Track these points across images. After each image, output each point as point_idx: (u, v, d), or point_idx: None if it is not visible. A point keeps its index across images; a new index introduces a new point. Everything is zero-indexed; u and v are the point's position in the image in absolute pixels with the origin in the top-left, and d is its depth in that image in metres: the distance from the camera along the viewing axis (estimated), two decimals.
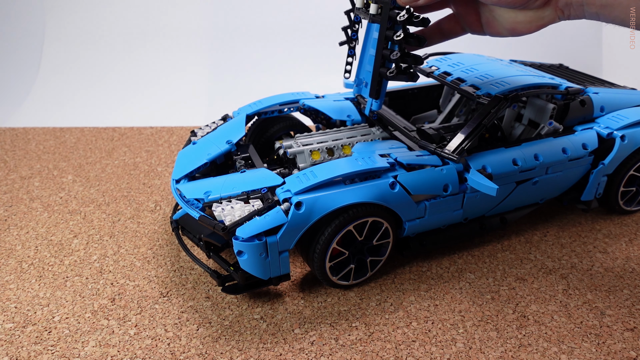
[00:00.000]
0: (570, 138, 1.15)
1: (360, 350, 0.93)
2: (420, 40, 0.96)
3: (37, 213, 1.34)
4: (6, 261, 1.17)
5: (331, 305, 1.04)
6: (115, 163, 1.64)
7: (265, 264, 0.95)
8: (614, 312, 1.02)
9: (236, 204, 0.96)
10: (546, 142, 1.12)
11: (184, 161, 1.15)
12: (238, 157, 1.16)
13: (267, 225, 0.90)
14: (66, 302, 1.04)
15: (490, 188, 0.94)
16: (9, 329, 0.98)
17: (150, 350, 0.93)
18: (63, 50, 2.27)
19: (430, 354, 0.92)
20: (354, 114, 1.30)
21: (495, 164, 1.04)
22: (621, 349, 0.92)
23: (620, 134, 1.16)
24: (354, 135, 1.22)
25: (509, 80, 1.15)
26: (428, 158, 1.02)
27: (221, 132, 1.23)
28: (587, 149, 1.15)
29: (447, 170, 1.01)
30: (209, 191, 1.00)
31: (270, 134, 1.37)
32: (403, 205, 1.01)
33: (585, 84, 1.29)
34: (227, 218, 0.93)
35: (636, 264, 1.17)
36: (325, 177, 0.95)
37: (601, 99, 1.22)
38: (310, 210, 0.93)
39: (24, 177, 1.52)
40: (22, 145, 1.72)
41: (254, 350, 0.92)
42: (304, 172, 0.98)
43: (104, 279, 1.11)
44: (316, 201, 0.93)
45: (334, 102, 1.33)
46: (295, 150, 1.15)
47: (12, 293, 1.07)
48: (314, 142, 1.19)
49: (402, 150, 1.06)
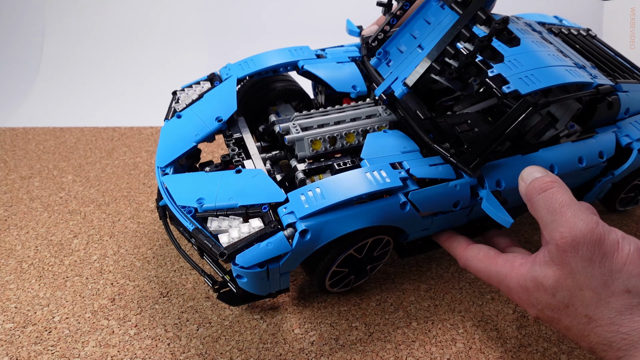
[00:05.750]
0: (588, 144, 1.05)
1: (360, 350, 0.93)
2: (498, 57, 0.83)
3: (37, 213, 1.34)
4: (6, 261, 1.16)
5: (331, 305, 1.04)
6: (115, 163, 1.64)
7: (265, 284, 0.89)
8: None
9: (234, 221, 0.87)
10: (564, 149, 1.03)
11: (168, 141, 1.03)
12: (230, 142, 1.05)
13: (270, 254, 0.82)
14: (66, 302, 1.04)
15: (506, 221, 0.86)
16: (9, 329, 0.98)
17: (150, 350, 0.93)
18: (63, 50, 2.27)
19: (430, 354, 0.92)
20: (359, 84, 1.13)
21: (509, 177, 0.95)
22: None
23: (638, 146, 1.08)
24: (359, 116, 1.06)
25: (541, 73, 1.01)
26: (442, 169, 0.92)
27: (210, 104, 1.08)
28: (603, 157, 1.06)
29: (460, 186, 0.92)
30: (202, 198, 0.89)
31: (265, 100, 1.19)
32: (410, 223, 0.92)
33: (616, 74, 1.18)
34: (225, 238, 0.84)
35: None
36: (334, 200, 0.84)
37: (629, 100, 1.13)
38: (316, 237, 0.84)
39: (24, 177, 1.52)
40: (22, 145, 1.72)
41: (254, 350, 0.92)
42: (309, 189, 0.87)
43: (104, 279, 1.11)
44: (323, 227, 0.84)
45: (336, 66, 1.16)
46: (294, 138, 1.00)
47: (12, 293, 1.07)
48: (314, 125, 1.03)
49: (415, 156, 0.95)
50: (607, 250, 0.66)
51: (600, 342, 0.68)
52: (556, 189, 0.73)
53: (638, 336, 0.64)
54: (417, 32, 0.98)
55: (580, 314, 0.69)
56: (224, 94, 1.09)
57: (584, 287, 0.67)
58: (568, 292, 0.69)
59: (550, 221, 0.71)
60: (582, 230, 0.67)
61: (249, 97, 1.19)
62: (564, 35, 1.30)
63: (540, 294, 0.72)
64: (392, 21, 1.05)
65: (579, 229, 0.67)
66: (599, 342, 0.68)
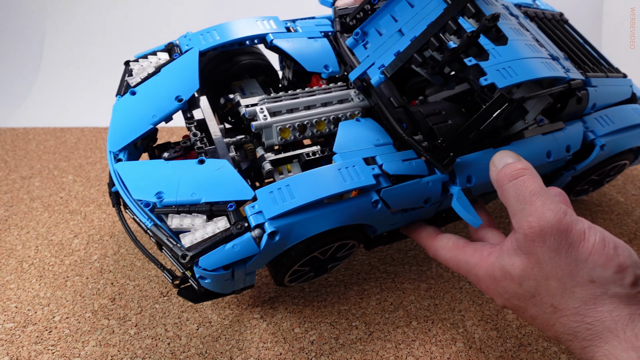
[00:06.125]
0: (557, 138, 1.06)
1: (361, 349, 0.93)
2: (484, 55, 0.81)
3: (37, 213, 1.34)
4: (7, 261, 1.17)
5: (331, 304, 1.04)
6: None
7: (230, 284, 0.86)
8: None
9: (197, 219, 0.80)
10: (535, 143, 1.03)
11: (122, 121, 0.93)
12: (192, 125, 0.95)
13: (236, 257, 0.77)
14: (66, 302, 1.04)
15: (474, 222, 0.85)
16: (10, 328, 0.98)
17: (151, 349, 0.93)
18: (63, 51, 2.27)
19: (430, 354, 0.92)
20: (331, 64, 1.04)
21: (480, 173, 0.94)
22: None
23: (602, 142, 1.09)
24: (330, 100, 1.00)
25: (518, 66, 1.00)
26: (415, 164, 0.90)
27: (169, 80, 0.97)
28: (570, 151, 1.06)
29: (432, 183, 0.90)
30: (162, 192, 0.82)
31: (228, 75, 1.09)
32: (380, 220, 0.90)
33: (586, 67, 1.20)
34: (187, 238, 0.78)
35: None
36: (305, 200, 0.79)
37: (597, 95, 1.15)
38: (285, 238, 0.79)
39: (24, 177, 1.52)
40: (22, 145, 1.72)
41: (254, 349, 0.93)
42: (278, 186, 0.81)
43: (104, 278, 1.11)
44: (293, 228, 0.79)
45: (308, 42, 1.06)
46: (262, 124, 0.93)
47: (12, 293, 1.07)
48: (283, 110, 0.96)
49: (388, 150, 0.92)
50: (574, 240, 0.67)
51: (565, 331, 0.68)
52: (527, 177, 0.73)
53: (602, 326, 0.65)
54: (399, 14, 0.92)
55: (546, 303, 0.69)
56: (184, 69, 0.98)
57: (550, 277, 0.68)
58: (534, 281, 0.69)
59: (520, 210, 0.71)
60: (550, 220, 0.67)
61: (211, 70, 1.09)
62: (539, 21, 1.30)
63: (507, 283, 0.73)
64: (373, 0, 0.97)
65: (547, 219, 0.67)
66: (564, 331, 0.68)
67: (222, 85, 1.10)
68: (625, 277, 0.65)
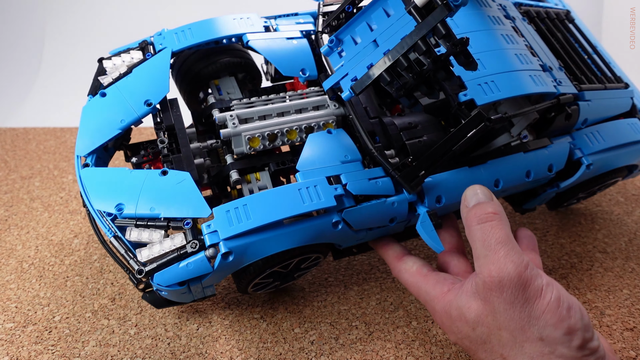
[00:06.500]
0: (539, 157, 1.00)
1: (361, 349, 0.93)
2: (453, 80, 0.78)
3: (37, 213, 1.34)
4: (7, 261, 1.17)
5: (331, 304, 1.04)
6: (115, 163, 1.64)
7: (188, 296, 0.86)
8: (613, 312, 1.02)
9: (154, 233, 0.81)
10: (513, 162, 0.97)
11: (90, 124, 0.91)
12: (160, 131, 0.93)
13: (190, 275, 0.78)
14: (66, 302, 1.04)
15: (437, 248, 0.84)
16: (10, 328, 0.98)
17: (151, 349, 0.93)
18: (63, 51, 2.27)
19: (431, 353, 0.92)
20: (309, 67, 1.00)
21: (452, 193, 0.90)
22: (621, 349, 0.92)
23: (588, 162, 1.04)
24: (305, 106, 0.97)
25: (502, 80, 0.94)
26: (382, 184, 0.86)
27: (139, 82, 0.94)
28: (552, 171, 1.01)
29: (398, 203, 0.86)
30: (122, 204, 0.82)
31: (206, 73, 1.05)
32: (343, 238, 0.88)
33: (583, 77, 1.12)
34: (145, 252, 0.80)
35: (636, 263, 1.17)
36: (261, 222, 0.78)
37: (589, 110, 1.07)
38: (240, 258, 0.79)
39: (24, 177, 1.52)
40: (22, 145, 1.72)
41: (254, 349, 0.93)
42: (235, 205, 0.80)
43: (104, 278, 1.11)
44: (248, 248, 0.79)
45: (286, 43, 1.02)
46: (230, 133, 0.91)
47: (12, 293, 1.07)
48: (254, 117, 0.94)
49: (355, 167, 0.88)
50: (530, 296, 0.68)
51: None
52: (496, 222, 0.73)
53: None
54: (375, 23, 0.87)
55: (496, 352, 0.71)
56: (155, 71, 0.95)
57: (503, 328, 0.69)
58: (487, 329, 0.71)
59: (483, 255, 0.71)
60: (510, 273, 0.68)
61: (188, 68, 1.05)
62: (539, 22, 1.22)
63: (461, 324, 0.74)
64: (348, 8, 0.91)
65: (507, 272, 0.68)
66: None
67: (200, 84, 1.08)
68: (573, 339, 0.66)
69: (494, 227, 0.72)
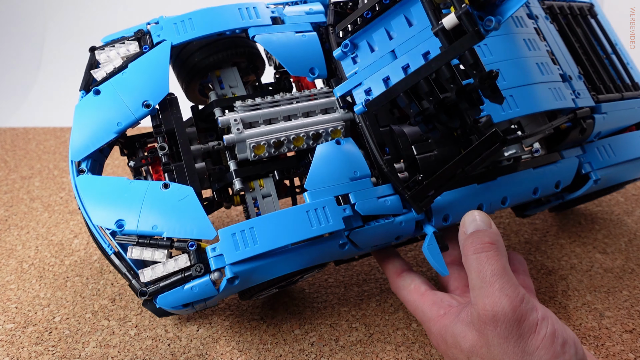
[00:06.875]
0: (547, 173, 0.98)
1: (360, 351, 0.93)
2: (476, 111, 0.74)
3: (37, 213, 1.35)
4: (7, 261, 1.17)
5: (331, 305, 1.04)
6: (115, 163, 1.64)
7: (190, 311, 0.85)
8: (613, 314, 1.02)
9: (157, 252, 0.79)
10: (522, 179, 0.96)
11: (84, 127, 0.86)
12: (159, 136, 0.88)
13: (194, 298, 0.78)
14: (67, 303, 1.04)
15: (442, 272, 0.83)
16: (10, 329, 0.98)
17: (151, 351, 0.93)
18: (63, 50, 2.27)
19: (430, 356, 0.92)
20: (318, 66, 0.95)
21: (459, 212, 0.88)
22: (620, 351, 0.93)
23: (596, 177, 1.02)
24: (312, 109, 0.93)
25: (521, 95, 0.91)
26: (390, 203, 0.84)
27: (136, 80, 0.88)
28: (559, 187, 1.00)
29: (405, 222, 0.85)
30: (122, 221, 0.79)
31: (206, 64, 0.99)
32: (347, 255, 0.87)
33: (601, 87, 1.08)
34: (147, 273, 0.78)
35: (635, 264, 1.17)
36: (268, 247, 0.77)
37: (604, 123, 1.04)
38: (245, 281, 0.79)
39: (24, 177, 1.52)
40: (22, 145, 1.72)
41: (254, 350, 0.93)
42: (242, 228, 0.78)
43: (105, 279, 1.11)
44: (254, 272, 0.78)
45: (294, 38, 0.96)
46: (234, 139, 0.87)
47: (12, 293, 1.07)
48: (260, 120, 0.90)
49: (363, 185, 0.86)
50: (525, 331, 0.68)
51: None
52: (492, 253, 0.72)
53: None
54: (395, 31, 0.82)
55: None
56: (153, 67, 0.89)
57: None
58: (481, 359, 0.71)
59: (478, 286, 0.71)
60: (504, 308, 0.68)
61: (187, 57, 0.99)
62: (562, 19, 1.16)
63: (456, 351, 0.74)
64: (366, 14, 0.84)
65: (502, 307, 0.68)
66: None
67: (200, 74, 1.01)
68: None
69: (489, 257, 0.72)
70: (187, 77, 1.03)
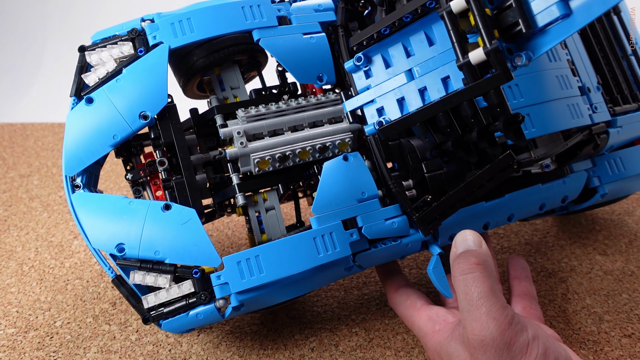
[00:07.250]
0: (555, 188, 0.97)
1: (360, 356, 0.93)
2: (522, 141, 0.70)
3: (37, 213, 1.34)
4: (7, 263, 1.17)
5: (331, 309, 1.04)
6: (114, 160, 1.63)
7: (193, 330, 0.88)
8: (612, 318, 1.02)
9: (159, 278, 0.78)
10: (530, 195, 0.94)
11: (78, 139, 0.81)
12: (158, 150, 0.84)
13: (199, 324, 0.79)
14: (67, 307, 1.04)
15: (446, 294, 0.83)
16: (12, 334, 0.98)
17: (152, 356, 0.93)
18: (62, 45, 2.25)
19: None
20: (327, 72, 0.90)
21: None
22: (618, 356, 0.93)
23: (603, 192, 1.01)
24: (320, 119, 0.90)
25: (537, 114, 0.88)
26: (397, 225, 0.83)
27: (131, 88, 0.82)
28: (565, 202, 0.99)
29: (412, 244, 0.85)
30: (123, 244, 0.77)
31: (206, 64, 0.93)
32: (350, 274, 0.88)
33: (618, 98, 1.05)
34: (150, 298, 0.78)
35: (635, 266, 1.17)
36: (274, 277, 0.76)
37: (617, 137, 1.01)
38: (250, 307, 0.80)
39: (23, 175, 1.51)
40: (20, 141, 1.71)
41: (254, 356, 0.93)
42: (247, 256, 0.77)
43: (105, 282, 1.11)
44: (259, 299, 0.78)
45: (302, 41, 0.90)
46: (237, 154, 0.84)
47: (13, 297, 1.07)
48: (264, 131, 0.87)
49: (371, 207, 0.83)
50: (516, 354, 0.67)
51: None
52: (478, 275, 0.71)
53: None
54: (413, 49, 0.78)
55: None
56: (151, 75, 0.82)
57: None
58: None
59: (466, 309, 0.70)
60: (492, 332, 0.67)
61: (185, 55, 0.94)
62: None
63: None
64: (384, 31, 0.80)
65: (490, 331, 0.67)
66: None
67: (199, 73, 0.96)
68: None
69: (476, 279, 0.70)
70: (185, 75, 0.99)
